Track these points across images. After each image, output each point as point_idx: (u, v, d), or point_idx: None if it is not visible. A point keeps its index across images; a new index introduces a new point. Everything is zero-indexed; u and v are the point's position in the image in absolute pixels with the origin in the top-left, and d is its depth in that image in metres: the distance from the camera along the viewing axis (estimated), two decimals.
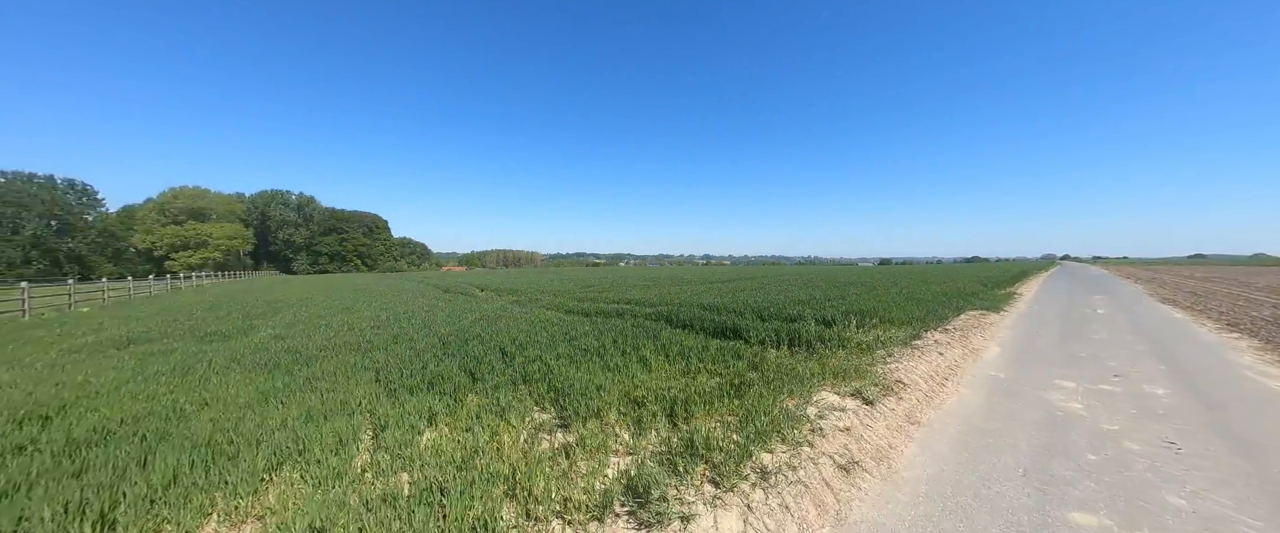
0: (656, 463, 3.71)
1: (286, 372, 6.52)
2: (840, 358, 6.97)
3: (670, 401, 4.99)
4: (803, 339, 8.14)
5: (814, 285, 19.92)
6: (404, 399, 5.26)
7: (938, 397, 5.94)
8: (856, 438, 4.49)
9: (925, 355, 7.54)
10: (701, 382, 5.75)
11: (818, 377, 5.98)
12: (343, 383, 5.98)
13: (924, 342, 8.53)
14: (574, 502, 3.21)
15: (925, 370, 6.80)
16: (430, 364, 6.72)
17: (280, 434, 4.21)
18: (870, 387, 5.72)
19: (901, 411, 5.31)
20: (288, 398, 5.35)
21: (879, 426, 4.85)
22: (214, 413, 4.87)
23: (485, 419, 4.66)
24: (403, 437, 4.23)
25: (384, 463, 3.74)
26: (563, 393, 5.27)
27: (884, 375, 6.29)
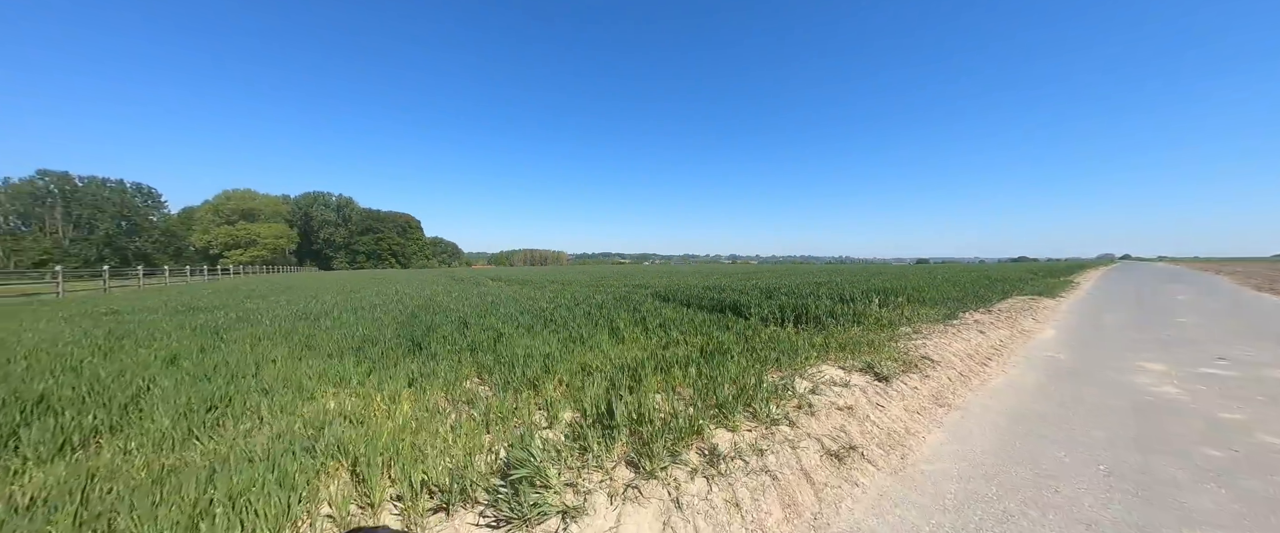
0: (567, 437, 2.71)
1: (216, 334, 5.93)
2: (853, 334, 5.74)
3: (623, 369, 3.98)
4: (810, 315, 6.91)
5: (839, 276, 18.29)
6: (320, 363, 4.49)
7: (977, 377, 4.64)
8: (859, 419, 3.33)
9: (962, 333, 6.17)
10: (672, 352, 4.70)
11: (819, 349, 4.80)
12: (267, 347, 5.29)
13: (961, 321, 7.11)
14: (432, 483, 2.27)
15: (961, 349, 5.48)
16: (374, 332, 5.96)
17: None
18: (886, 361, 4.49)
19: (926, 390, 4.08)
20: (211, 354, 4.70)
21: (894, 406, 3.66)
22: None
23: (388, 387, 3.79)
24: (286, 400, 3.43)
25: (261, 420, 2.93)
26: (507, 363, 4.36)
27: (906, 351, 5.03)
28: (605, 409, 2.87)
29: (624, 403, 2.95)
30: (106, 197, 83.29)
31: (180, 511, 1.95)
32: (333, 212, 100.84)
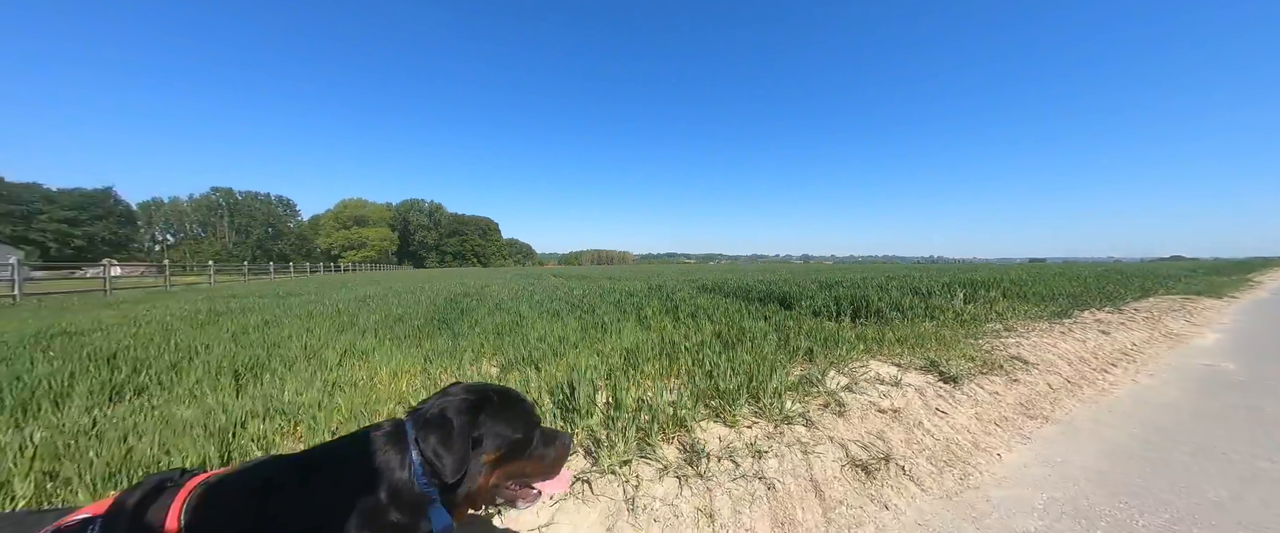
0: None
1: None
2: (924, 329, 4.78)
3: (626, 354, 3.60)
4: (871, 308, 5.96)
5: (923, 272, 16.12)
6: (351, 338, 4.69)
7: (1091, 385, 3.57)
8: (907, 425, 2.62)
9: (1075, 333, 4.90)
10: (692, 339, 4.21)
11: (869, 343, 4.02)
12: (316, 323, 5.69)
13: (1077, 320, 5.69)
14: None
15: (1070, 351, 4.31)
16: (412, 313, 6.19)
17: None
18: (957, 359, 3.61)
19: (1012, 397, 3.18)
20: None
21: (960, 413, 2.86)
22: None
23: (395, 361, 3.79)
24: (304, 369, 3.56)
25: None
26: (519, 346, 4.20)
27: (989, 350, 4.05)
28: (568, 391, 2.51)
29: (595, 387, 2.57)
30: (257, 207, 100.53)
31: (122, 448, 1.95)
32: (425, 216, 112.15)
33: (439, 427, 0.92)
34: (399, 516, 0.85)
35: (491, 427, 0.99)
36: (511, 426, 1.02)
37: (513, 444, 1.01)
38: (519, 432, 1.03)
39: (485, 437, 0.98)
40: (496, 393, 1.06)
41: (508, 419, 1.03)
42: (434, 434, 0.91)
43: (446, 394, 1.03)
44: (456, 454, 0.90)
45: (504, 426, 1.01)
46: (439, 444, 0.90)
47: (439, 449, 0.89)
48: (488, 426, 0.99)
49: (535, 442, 1.07)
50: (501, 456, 1.00)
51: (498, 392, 1.06)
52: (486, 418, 0.99)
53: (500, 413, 1.02)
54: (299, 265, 38.94)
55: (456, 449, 0.90)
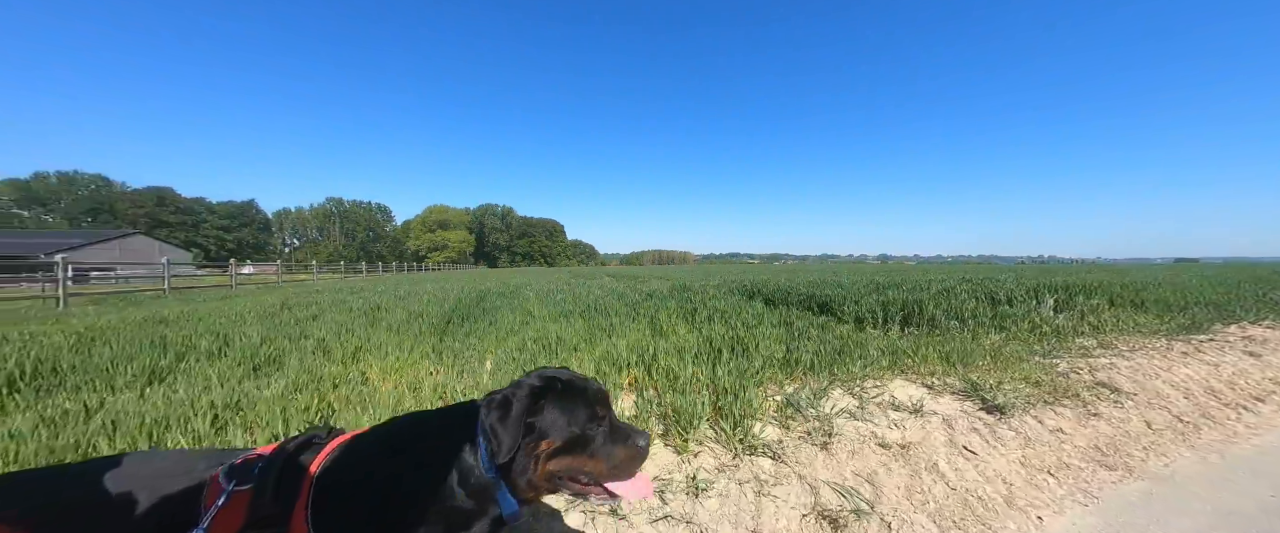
0: None
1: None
2: (985, 342, 3.96)
3: (611, 359, 3.34)
4: (924, 316, 5.09)
5: (1019, 276, 13.84)
6: (368, 334, 4.94)
7: (1216, 428, 2.65)
8: (914, 466, 2.08)
9: (1206, 354, 3.75)
10: (690, 345, 3.83)
11: (902, 356, 3.36)
12: (348, 319, 6.11)
13: (1214, 336, 4.40)
14: None
15: (1192, 376, 3.28)
16: (433, 311, 6.43)
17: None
18: (1014, 383, 2.88)
19: (1083, 437, 2.43)
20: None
21: (998, 456, 2.22)
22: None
23: (394, 356, 3.88)
24: (311, 362, 3.78)
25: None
26: (518, 348, 4.14)
27: (1066, 372, 3.20)
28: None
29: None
30: (361, 214, 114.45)
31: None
32: (498, 220, 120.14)
33: (500, 407, 0.96)
34: (466, 499, 0.91)
35: (549, 414, 0.99)
36: (569, 416, 1.01)
37: (569, 437, 1.00)
38: (576, 425, 1.01)
39: (543, 425, 0.98)
40: (562, 381, 1.05)
41: (566, 409, 1.01)
42: (495, 413, 0.95)
43: (520, 381, 1.05)
44: (510, 435, 0.92)
45: (561, 414, 1.00)
46: (497, 422, 0.93)
47: (496, 427, 0.93)
48: (547, 413, 0.99)
49: (598, 437, 1.03)
50: (558, 447, 0.99)
51: (564, 381, 1.05)
52: (547, 405, 1.00)
53: (559, 401, 1.01)
54: (388, 265, 43.49)
55: (510, 430, 0.92)
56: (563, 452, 0.99)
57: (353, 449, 0.95)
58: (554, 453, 0.99)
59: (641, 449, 1.06)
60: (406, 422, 1.04)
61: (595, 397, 1.06)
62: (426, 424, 1.02)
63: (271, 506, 0.81)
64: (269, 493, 0.83)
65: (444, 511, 0.89)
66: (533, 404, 0.98)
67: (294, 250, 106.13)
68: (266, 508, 0.81)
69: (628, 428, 1.08)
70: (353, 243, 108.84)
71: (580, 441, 1.01)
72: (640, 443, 1.05)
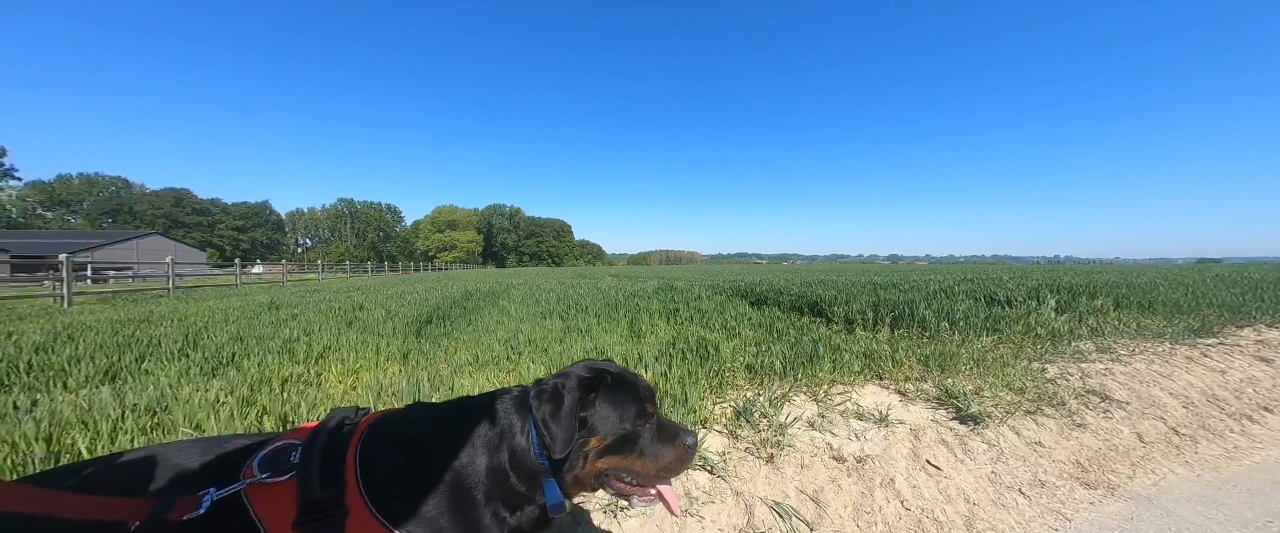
0: None
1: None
2: (977, 344, 3.74)
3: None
4: (915, 318, 4.87)
5: (1025, 276, 13.41)
6: (338, 334, 4.87)
7: (1216, 441, 2.42)
8: (869, 482, 1.89)
9: (1212, 359, 3.49)
10: (649, 349, 3.67)
11: (880, 360, 3.16)
12: (321, 319, 6.05)
13: (1223, 340, 4.11)
14: None
15: (1194, 384, 3.04)
16: (411, 312, 6.34)
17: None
18: (994, 390, 2.67)
19: (1065, 450, 2.23)
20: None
21: (965, 471, 2.04)
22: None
23: (352, 359, 3.78)
24: (268, 364, 3.69)
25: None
26: (486, 350, 4.03)
27: (1056, 378, 2.98)
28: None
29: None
30: (371, 215, 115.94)
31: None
32: (506, 220, 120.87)
33: (552, 399, 0.94)
34: (517, 481, 0.90)
35: (599, 409, 0.98)
36: (619, 412, 0.99)
37: (619, 434, 0.98)
38: (626, 422, 0.99)
39: (594, 420, 0.97)
40: (612, 375, 1.03)
41: (616, 404, 0.99)
42: (547, 405, 0.93)
43: (567, 371, 1.03)
44: (564, 430, 0.91)
45: (611, 410, 0.98)
46: (550, 416, 0.92)
47: (549, 421, 0.92)
48: (597, 407, 0.98)
49: (645, 436, 1.00)
50: (607, 445, 0.97)
51: (614, 375, 1.03)
52: (597, 398, 0.99)
53: (609, 396, 1.00)
54: (394, 265, 43.88)
55: (564, 425, 0.91)
56: (611, 451, 0.97)
57: (398, 429, 0.94)
58: (604, 451, 0.97)
59: (690, 449, 1.02)
60: (457, 403, 1.03)
61: (645, 393, 1.03)
62: (478, 406, 1.00)
63: (320, 491, 0.80)
64: (315, 481, 0.81)
65: (502, 491, 0.89)
66: (583, 397, 0.97)
67: (306, 250, 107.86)
68: (315, 494, 0.80)
69: (675, 427, 1.05)
70: (363, 243, 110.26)
71: (630, 438, 0.98)
72: (688, 443, 1.02)
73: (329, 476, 0.83)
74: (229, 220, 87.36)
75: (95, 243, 44.05)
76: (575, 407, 0.93)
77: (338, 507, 0.80)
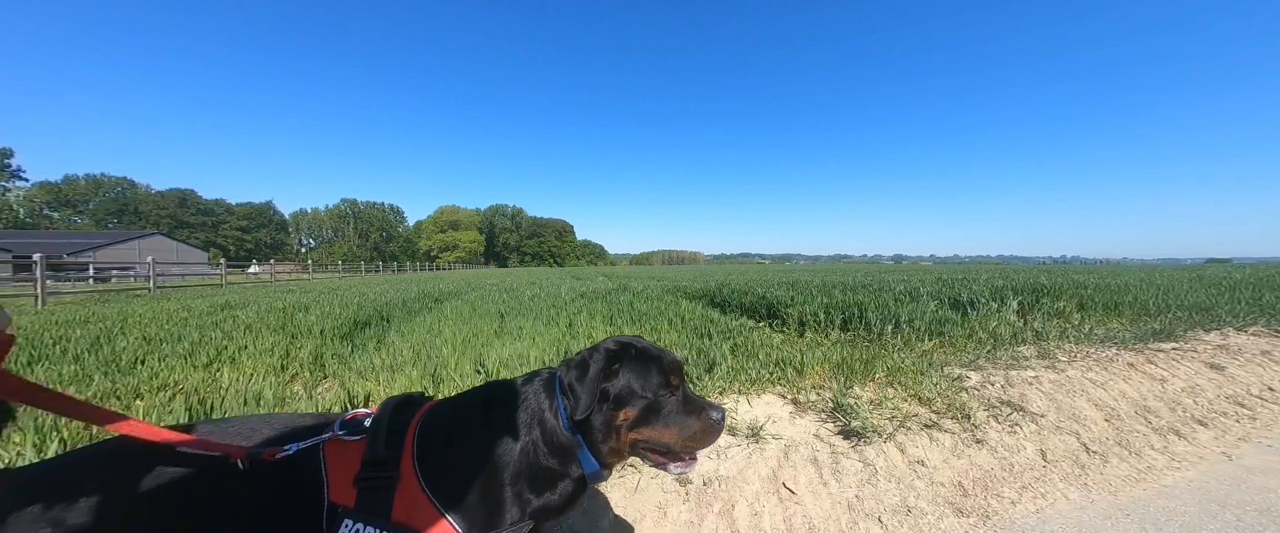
0: None
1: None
2: (920, 348, 3.52)
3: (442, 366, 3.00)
4: (863, 319, 4.64)
5: (1010, 276, 13.05)
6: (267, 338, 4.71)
7: (1131, 458, 2.18)
8: (701, 511, 1.69)
9: (1157, 365, 3.23)
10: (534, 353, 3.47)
11: (787, 367, 2.94)
12: (258, 321, 5.91)
13: (1182, 344, 3.84)
14: None
15: (1128, 393, 2.79)
16: (356, 314, 6.18)
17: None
18: (899, 400, 2.45)
19: (950, 471, 2.00)
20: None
21: (825, 496, 1.82)
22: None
23: (262, 362, 3.62)
24: (177, 368, 3.54)
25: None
26: (393, 354, 3.87)
27: (978, 385, 2.74)
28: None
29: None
30: (374, 215, 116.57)
31: None
32: (508, 220, 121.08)
33: (578, 368, 1.01)
34: (549, 457, 0.97)
35: (624, 378, 1.03)
36: (643, 382, 1.04)
37: (644, 404, 1.03)
38: (649, 391, 1.03)
39: (618, 389, 1.02)
40: (637, 348, 1.09)
41: (639, 374, 1.04)
42: (573, 372, 1.01)
43: (596, 345, 1.09)
44: (587, 394, 0.97)
45: (635, 379, 1.03)
46: (575, 381, 0.99)
47: (574, 385, 0.99)
48: (621, 376, 1.03)
49: (669, 406, 1.05)
50: (635, 417, 1.02)
51: (639, 348, 1.09)
52: (622, 368, 1.04)
53: (633, 367, 1.05)
54: (401, 265, 43.97)
55: (587, 389, 0.97)
56: (640, 422, 1.03)
57: (449, 408, 1.04)
58: (633, 424, 1.02)
59: (716, 422, 1.07)
60: (495, 385, 1.11)
61: (669, 366, 1.08)
62: (511, 386, 1.07)
63: (383, 451, 0.90)
64: (382, 442, 0.91)
65: (531, 462, 0.96)
66: (608, 367, 1.02)
67: (310, 250, 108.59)
68: (379, 453, 0.89)
69: (701, 400, 1.10)
70: (366, 243, 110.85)
71: (653, 408, 1.03)
72: (714, 416, 1.07)
73: (392, 442, 0.93)
74: (233, 221, 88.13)
75: (98, 243, 44.51)
76: (599, 375, 0.99)
77: (394, 470, 0.89)
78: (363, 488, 0.87)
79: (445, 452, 0.93)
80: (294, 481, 0.88)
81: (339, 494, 0.87)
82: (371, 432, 0.92)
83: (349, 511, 0.85)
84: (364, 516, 0.84)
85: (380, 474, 0.87)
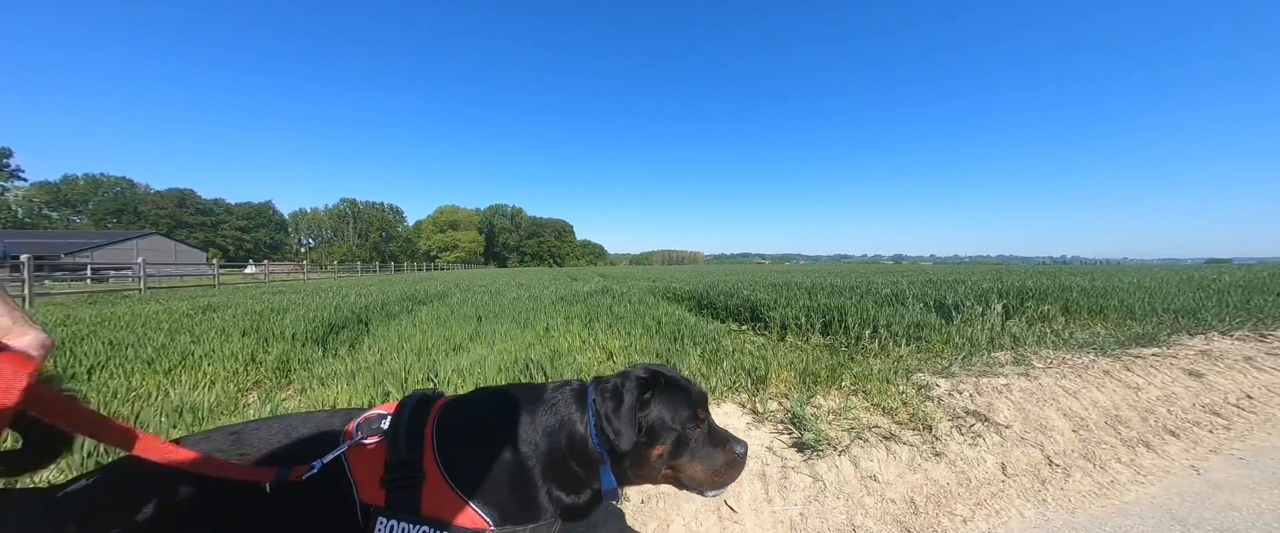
0: None
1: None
2: (897, 353, 3.45)
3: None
4: (843, 323, 4.57)
5: (1001, 276, 12.95)
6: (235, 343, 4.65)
7: (1095, 472, 2.11)
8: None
9: (1134, 373, 3.15)
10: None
11: (751, 374, 2.87)
12: (233, 324, 5.85)
13: (1167, 349, 3.76)
14: None
15: (1100, 402, 2.72)
16: (334, 318, 6.12)
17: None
18: (861, 411, 2.38)
19: (903, 487, 1.93)
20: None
21: (765, 516, 1.76)
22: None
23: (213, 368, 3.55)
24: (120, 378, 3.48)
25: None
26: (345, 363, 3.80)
27: (947, 394, 2.67)
28: None
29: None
30: (374, 215, 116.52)
31: None
32: (508, 220, 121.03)
33: (613, 397, 1.00)
34: (575, 465, 0.99)
35: (656, 410, 1.03)
36: (672, 413, 1.05)
37: (675, 438, 1.04)
38: (677, 424, 1.05)
39: (650, 421, 1.02)
40: (666, 378, 1.09)
41: (669, 405, 1.05)
42: (609, 402, 1.00)
43: (626, 372, 1.09)
44: (628, 427, 0.97)
45: (665, 410, 1.04)
46: (612, 413, 0.99)
47: (612, 417, 0.98)
48: (653, 408, 1.04)
49: (696, 440, 1.07)
50: (667, 451, 1.03)
51: (668, 378, 1.09)
52: (653, 400, 1.04)
53: (664, 397, 1.06)
54: (397, 265, 43.91)
55: (626, 421, 0.98)
56: (671, 456, 1.04)
57: (469, 406, 1.04)
58: (664, 458, 1.04)
59: (739, 456, 1.08)
60: (523, 387, 1.11)
61: (697, 398, 1.09)
62: (541, 395, 1.07)
63: (405, 451, 0.91)
64: (402, 444, 0.92)
65: (562, 465, 0.97)
66: (641, 395, 1.03)
67: (310, 250, 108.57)
68: (401, 455, 0.91)
69: (726, 433, 1.12)
70: (366, 243, 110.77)
71: (683, 440, 1.05)
72: (738, 450, 1.08)
73: (412, 442, 0.93)
74: (232, 221, 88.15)
75: (96, 243, 44.51)
76: (634, 406, 0.99)
77: (418, 469, 0.90)
78: (390, 489, 0.89)
79: (471, 448, 0.95)
80: (322, 489, 0.89)
81: (369, 495, 0.89)
82: (391, 434, 0.93)
83: (381, 509, 0.87)
84: (397, 513, 0.87)
85: (405, 475, 0.89)
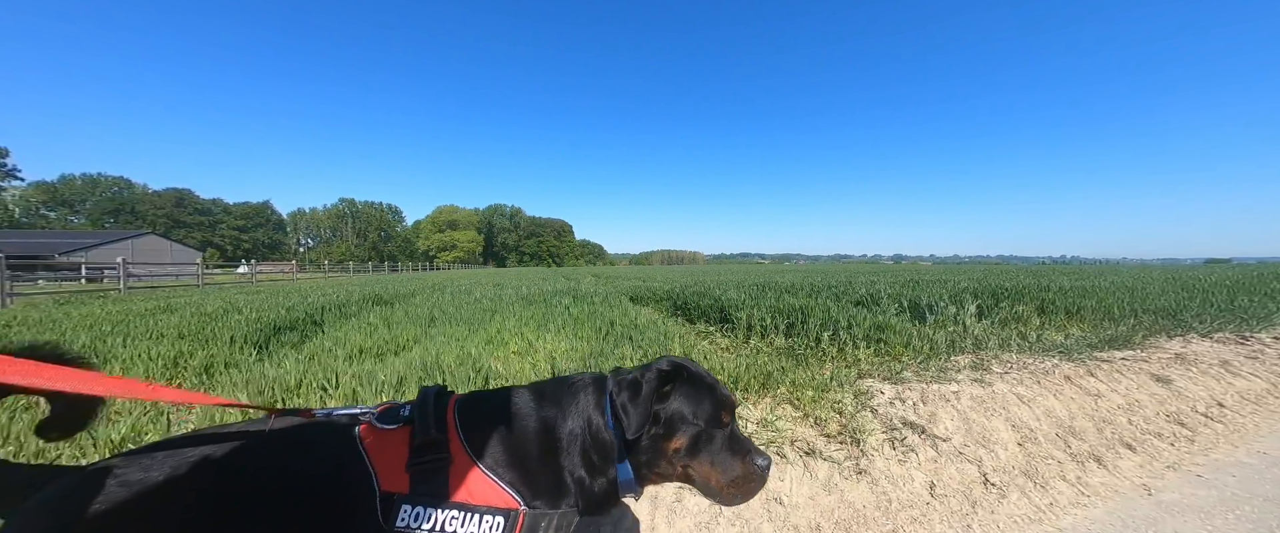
0: None
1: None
2: (853, 356, 3.25)
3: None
4: (807, 327, 4.38)
5: (984, 277, 12.74)
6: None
7: (1034, 492, 1.91)
8: None
9: (1097, 378, 2.95)
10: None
11: None
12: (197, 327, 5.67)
13: (1139, 352, 3.56)
14: None
15: (1046, 414, 2.52)
16: (289, 318, 5.94)
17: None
18: (788, 422, 2.18)
19: (809, 512, 1.73)
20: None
21: None
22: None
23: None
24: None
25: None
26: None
27: (885, 403, 2.47)
28: None
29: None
30: (373, 214, 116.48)
31: None
32: (507, 220, 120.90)
33: (631, 387, 1.01)
34: (592, 450, 0.99)
35: (675, 402, 1.03)
36: (693, 408, 1.03)
37: (692, 433, 1.02)
38: (699, 419, 1.03)
39: (669, 413, 1.02)
40: (690, 371, 1.08)
41: (689, 399, 1.04)
42: (625, 393, 1.01)
43: (649, 364, 1.08)
44: (639, 413, 0.97)
45: (684, 404, 1.03)
46: (629, 400, 0.99)
47: (628, 404, 0.99)
48: (672, 400, 1.03)
49: (716, 442, 1.04)
50: (684, 445, 1.02)
51: (691, 372, 1.08)
52: (674, 392, 1.04)
53: (684, 391, 1.04)
54: (395, 265, 43.79)
55: (640, 408, 0.98)
56: (687, 452, 1.02)
57: (491, 395, 1.06)
58: (680, 452, 1.02)
59: (760, 470, 1.04)
60: (548, 381, 1.11)
61: (723, 400, 1.07)
62: (561, 384, 1.08)
63: (434, 433, 0.92)
64: (432, 424, 0.93)
65: (583, 450, 0.99)
66: (659, 388, 1.02)
67: (308, 250, 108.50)
68: (430, 435, 0.91)
69: (748, 443, 1.08)
70: (365, 243, 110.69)
71: (701, 438, 1.02)
72: (760, 463, 1.04)
73: (440, 424, 0.94)
74: (230, 221, 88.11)
75: (90, 242, 44.40)
76: (651, 395, 0.99)
77: (446, 450, 0.90)
78: (416, 473, 0.87)
79: (495, 430, 0.96)
80: (335, 481, 0.86)
81: (390, 483, 0.86)
82: (419, 417, 0.93)
83: (405, 497, 0.84)
84: (423, 499, 0.84)
85: (433, 457, 0.88)
